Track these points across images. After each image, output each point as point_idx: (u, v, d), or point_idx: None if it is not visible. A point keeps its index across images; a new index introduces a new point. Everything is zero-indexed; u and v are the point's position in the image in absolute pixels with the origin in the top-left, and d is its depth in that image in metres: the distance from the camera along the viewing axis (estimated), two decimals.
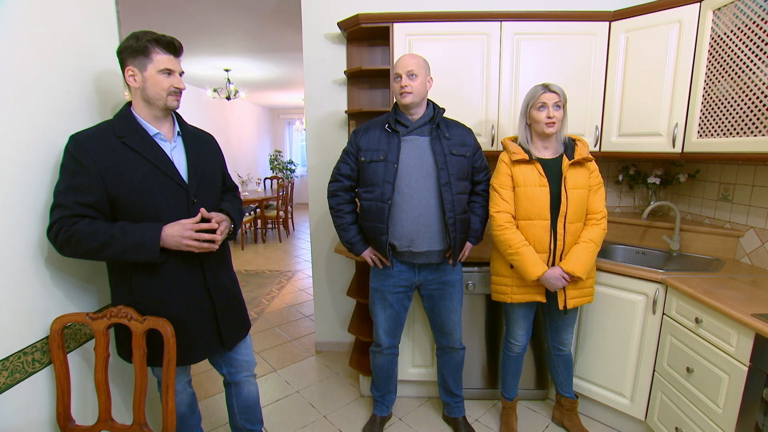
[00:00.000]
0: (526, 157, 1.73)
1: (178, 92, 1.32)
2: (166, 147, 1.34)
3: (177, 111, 1.41)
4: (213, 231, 1.32)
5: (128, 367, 1.55)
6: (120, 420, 1.42)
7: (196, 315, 1.39)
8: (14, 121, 1.17)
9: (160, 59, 1.27)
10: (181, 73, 1.34)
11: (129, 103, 1.33)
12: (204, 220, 1.31)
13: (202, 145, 1.46)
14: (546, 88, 1.68)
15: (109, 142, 1.24)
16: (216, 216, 1.34)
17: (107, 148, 1.24)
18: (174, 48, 1.30)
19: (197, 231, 1.28)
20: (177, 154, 1.37)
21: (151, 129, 1.32)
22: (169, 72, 1.29)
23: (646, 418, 1.92)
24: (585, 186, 1.75)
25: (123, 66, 1.28)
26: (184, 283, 1.36)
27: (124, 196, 1.24)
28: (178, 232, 1.25)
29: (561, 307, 1.78)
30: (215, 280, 1.43)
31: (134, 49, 1.25)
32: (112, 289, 1.39)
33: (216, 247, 1.33)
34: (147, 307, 1.33)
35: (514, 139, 1.84)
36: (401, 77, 1.67)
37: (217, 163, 1.53)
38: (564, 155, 1.75)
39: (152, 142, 1.30)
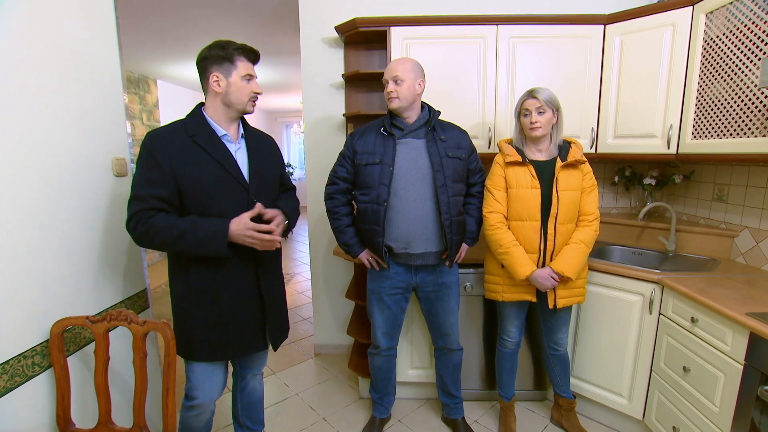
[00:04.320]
0: (519, 158, 1.76)
1: (256, 97, 1.43)
2: (232, 148, 1.42)
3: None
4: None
5: (129, 370, 1.55)
6: (120, 423, 1.42)
7: (245, 311, 1.45)
8: (10, 125, 1.17)
9: (244, 66, 1.37)
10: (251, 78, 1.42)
11: (201, 105, 1.42)
12: (259, 216, 1.37)
13: (263, 147, 1.53)
14: (529, 94, 1.73)
15: (180, 139, 1.33)
16: (270, 213, 1.40)
17: (179, 145, 1.32)
18: (255, 56, 1.42)
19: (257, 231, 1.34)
20: (240, 154, 1.44)
21: (220, 130, 1.39)
22: (250, 78, 1.39)
23: (643, 417, 1.93)
24: (577, 188, 1.77)
25: (204, 72, 1.36)
26: (238, 280, 1.42)
27: (191, 192, 1.31)
28: (241, 231, 1.31)
29: (550, 306, 1.81)
30: (266, 278, 1.49)
31: (221, 57, 1.34)
32: (170, 281, 1.44)
33: (278, 244, 1.39)
34: (201, 301, 1.38)
35: (510, 142, 1.86)
36: (388, 83, 1.70)
37: (277, 164, 1.60)
38: (558, 157, 1.77)
39: (220, 143, 1.38)
